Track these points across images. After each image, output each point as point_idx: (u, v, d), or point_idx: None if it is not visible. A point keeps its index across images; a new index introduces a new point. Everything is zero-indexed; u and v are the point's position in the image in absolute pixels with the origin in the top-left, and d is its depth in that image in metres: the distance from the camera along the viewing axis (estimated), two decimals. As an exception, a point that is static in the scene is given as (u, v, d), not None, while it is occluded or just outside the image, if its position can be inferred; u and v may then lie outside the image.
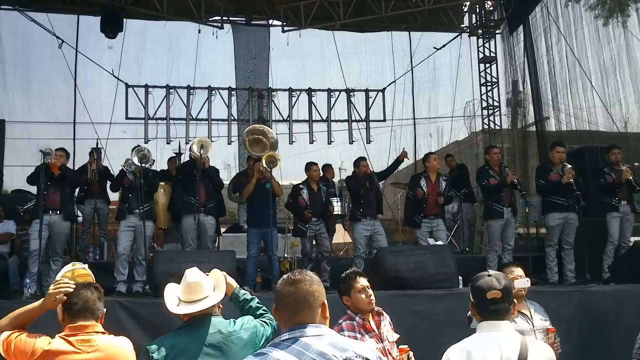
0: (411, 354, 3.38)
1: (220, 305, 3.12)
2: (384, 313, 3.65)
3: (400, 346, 3.45)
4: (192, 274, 3.07)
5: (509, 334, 2.60)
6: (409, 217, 8.22)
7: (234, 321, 3.03)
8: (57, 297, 2.80)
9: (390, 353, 3.44)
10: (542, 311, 4.16)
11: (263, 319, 3.14)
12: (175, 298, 3.04)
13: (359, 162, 8.19)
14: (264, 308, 3.20)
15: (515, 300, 2.74)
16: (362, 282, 3.54)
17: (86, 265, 3.22)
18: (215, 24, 12.01)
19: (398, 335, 3.62)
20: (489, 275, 2.71)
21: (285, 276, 2.21)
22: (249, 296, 3.28)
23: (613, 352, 5.77)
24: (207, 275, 3.12)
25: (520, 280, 3.86)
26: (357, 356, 1.99)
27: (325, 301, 2.15)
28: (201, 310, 2.98)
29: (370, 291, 3.53)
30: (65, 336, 2.73)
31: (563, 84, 10.87)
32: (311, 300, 2.10)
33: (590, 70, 10.28)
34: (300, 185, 8.05)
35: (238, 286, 3.31)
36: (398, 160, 9.27)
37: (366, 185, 7.90)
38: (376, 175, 8.34)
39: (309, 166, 8.09)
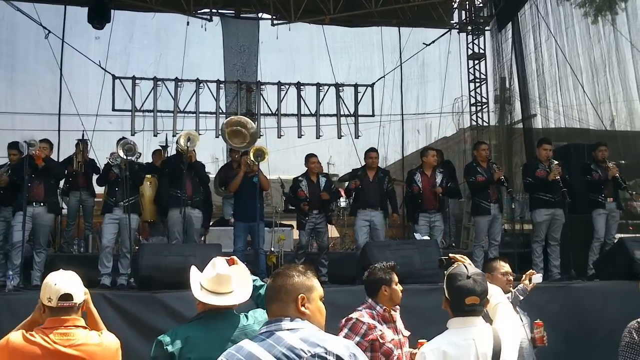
0: None
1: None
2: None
3: (420, 340, 3.49)
4: (223, 264, 2.91)
5: (481, 329, 2.59)
6: (410, 213, 8.23)
7: (247, 316, 2.91)
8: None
9: (403, 346, 3.63)
10: (519, 307, 4.21)
11: None
12: (198, 284, 2.88)
13: (367, 153, 8.22)
14: None
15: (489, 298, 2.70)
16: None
17: None
18: (204, 17, 11.91)
19: (409, 332, 3.74)
20: (468, 277, 2.60)
21: None
22: (258, 283, 3.15)
23: (597, 348, 5.81)
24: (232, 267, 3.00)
25: (536, 276, 4.09)
26: (327, 352, 1.90)
27: (305, 295, 2.08)
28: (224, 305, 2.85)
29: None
30: (43, 329, 2.69)
31: (552, 82, 10.88)
32: (282, 293, 2.07)
33: (581, 68, 10.30)
34: (300, 178, 8.06)
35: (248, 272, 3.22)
36: None
37: (368, 178, 7.92)
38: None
39: (308, 158, 8.08)
